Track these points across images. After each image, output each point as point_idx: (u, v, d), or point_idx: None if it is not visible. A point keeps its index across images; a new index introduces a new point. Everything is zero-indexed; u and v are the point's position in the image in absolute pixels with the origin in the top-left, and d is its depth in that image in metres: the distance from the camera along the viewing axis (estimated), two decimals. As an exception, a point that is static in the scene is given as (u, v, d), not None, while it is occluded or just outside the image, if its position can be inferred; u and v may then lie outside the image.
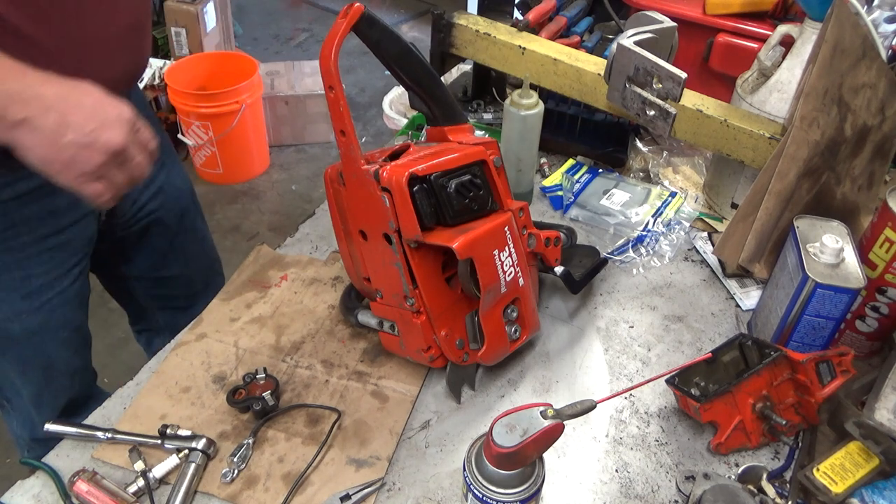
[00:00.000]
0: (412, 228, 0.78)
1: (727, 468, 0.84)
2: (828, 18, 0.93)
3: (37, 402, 1.19)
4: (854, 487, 0.76)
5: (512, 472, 0.66)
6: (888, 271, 0.88)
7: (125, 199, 1.15)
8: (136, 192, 1.18)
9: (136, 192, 1.18)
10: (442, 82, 0.90)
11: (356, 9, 0.76)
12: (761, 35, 1.47)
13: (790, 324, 0.88)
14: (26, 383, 1.16)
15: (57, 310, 1.09)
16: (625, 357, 0.98)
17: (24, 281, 1.03)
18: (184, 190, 1.32)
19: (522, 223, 0.89)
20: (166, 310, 1.40)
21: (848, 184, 1.02)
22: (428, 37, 1.30)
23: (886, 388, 0.81)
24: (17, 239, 1.00)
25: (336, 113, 0.78)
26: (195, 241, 1.37)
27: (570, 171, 1.28)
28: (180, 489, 0.77)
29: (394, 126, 1.72)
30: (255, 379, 0.88)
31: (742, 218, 1.02)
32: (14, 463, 1.94)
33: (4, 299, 1.04)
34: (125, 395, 0.90)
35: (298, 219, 1.34)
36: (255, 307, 1.02)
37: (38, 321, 1.08)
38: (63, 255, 1.07)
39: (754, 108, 1.13)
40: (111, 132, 0.76)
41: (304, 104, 3.29)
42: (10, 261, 1.01)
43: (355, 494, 0.78)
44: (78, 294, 1.13)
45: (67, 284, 1.09)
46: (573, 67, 1.17)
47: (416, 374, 0.93)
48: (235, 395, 0.87)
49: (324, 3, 4.78)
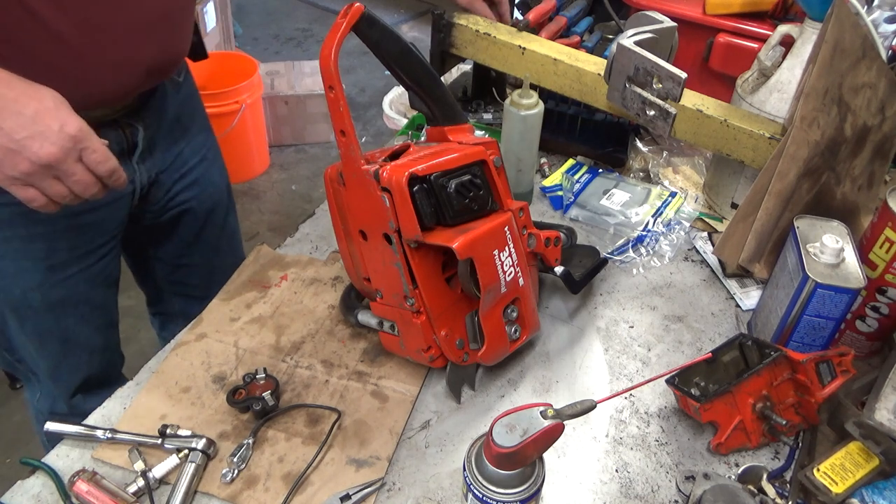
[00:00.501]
0: (412, 228, 0.78)
1: (727, 468, 0.84)
2: (828, 18, 0.93)
3: (54, 376, 1.21)
4: (854, 487, 0.76)
5: (512, 472, 0.66)
6: (888, 271, 0.88)
7: (159, 188, 1.18)
8: (171, 182, 1.20)
9: (171, 182, 1.20)
10: (442, 82, 0.90)
11: (356, 9, 0.76)
12: (761, 35, 1.48)
13: (790, 324, 0.88)
14: (44, 355, 1.18)
15: (80, 285, 1.12)
16: (625, 357, 0.98)
17: (49, 253, 1.06)
18: (220, 186, 1.34)
19: (522, 223, 0.89)
20: (183, 297, 1.43)
21: (848, 184, 1.02)
22: (428, 37, 1.30)
23: (886, 388, 0.81)
24: None
25: (336, 113, 0.78)
26: (223, 237, 1.39)
27: (570, 171, 1.28)
28: (180, 489, 0.77)
29: (394, 126, 1.72)
30: (255, 379, 0.88)
31: (742, 218, 1.02)
32: (14, 463, 1.93)
33: (29, 269, 1.06)
34: (125, 395, 0.90)
35: (298, 219, 1.34)
36: (255, 307, 1.02)
37: (59, 294, 1.10)
38: (91, 234, 1.10)
39: (754, 108, 1.13)
40: (42, 144, 0.77)
41: (304, 104, 3.29)
42: (37, 233, 1.04)
43: (355, 494, 0.78)
44: (103, 272, 1.15)
45: (93, 262, 1.12)
46: (573, 67, 1.17)
47: (416, 374, 0.93)
48: (235, 396, 0.87)
49: (324, 3, 4.79)
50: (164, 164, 1.17)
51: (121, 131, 1.05)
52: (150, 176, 1.15)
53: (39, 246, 1.05)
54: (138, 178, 1.12)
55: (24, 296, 1.08)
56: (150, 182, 1.16)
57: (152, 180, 1.16)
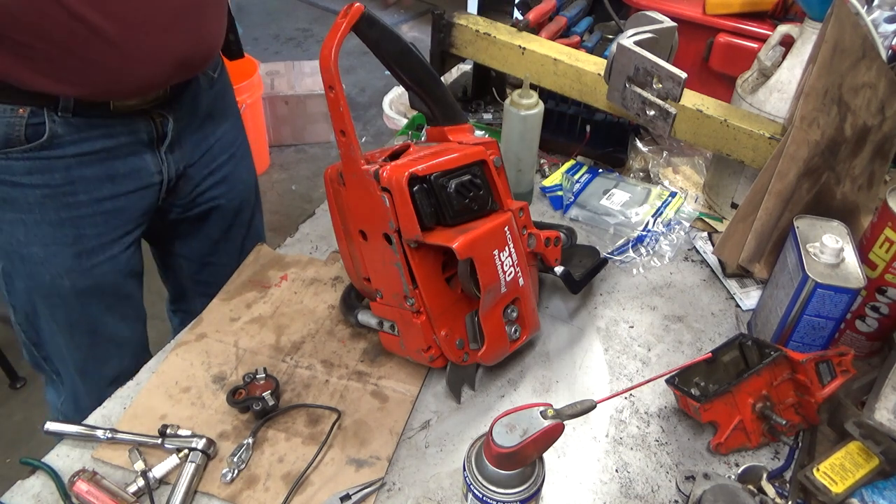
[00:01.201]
0: (412, 228, 0.78)
1: (727, 468, 0.84)
2: (828, 18, 0.93)
3: (82, 370, 1.21)
4: (854, 487, 0.76)
5: (512, 472, 0.66)
6: (888, 271, 0.88)
7: (186, 182, 1.19)
8: (200, 177, 1.21)
9: (200, 177, 1.21)
10: (442, 82, 0.90)
11: (356, 9, 0.76)
12: (761, 35, 1.48)
13: (790, 324, 0.88)
14: (73, 348, 1.18)
15: (107, 274, 1.12)
16: (625, 357, 0.98)
17: (77, 239, 1.06)
18: (248, 183, 1.35)
19: (522, 223, 0.89)
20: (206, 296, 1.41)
21: (848, 184, 1.02)
22: (428, 37, 1.30)
23: (886, 388, 0.81)
24: (75, 196, 1.03)
25: (336, 113, 0.78)
26: (250, 237, 1.38)
27: (570, 171, 1.28)
28: (180, 489, 0.77)
29: (394, 126, 1.72)
30: (254, 379, 0.88)
31: (742, 218, 1.02)
32: (14, 463, 1.93)
33: (58, 254, 1.06)
34: (125, 395, 0.90)
35: (298, 219, 1.34)
36: (255, 307, 1.02)
37: (87, 282, 1.11)
38: (117, 221, 1.10)
39: (754, 108, 1.13)
40: None
41: (304, 104, 3.29)
42: (66, 217, 1.04)
43: (355, 494, 0.78)
44: (128, 263, 1.16)
45: (119, 251, 1.12)
46: (573, 67, 1.17)
47: (416, 374, 0.93)
48: (235, 396, 0.87)
49: (324, 3, 4.79)
50: (192, 157, 1.18)
51: (150, 120, 1.06)
52: (178, 168, 1.15)
53: (68, 231, 1.05)
54: (166, 169, 1.12)
55: (54, 282, 1.08)
56: (178, 175, 1.16)
57: (180, 173, 1.16)
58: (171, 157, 1.13)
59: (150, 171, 1.10)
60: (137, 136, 1.06)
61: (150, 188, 1.12)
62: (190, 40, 1.01)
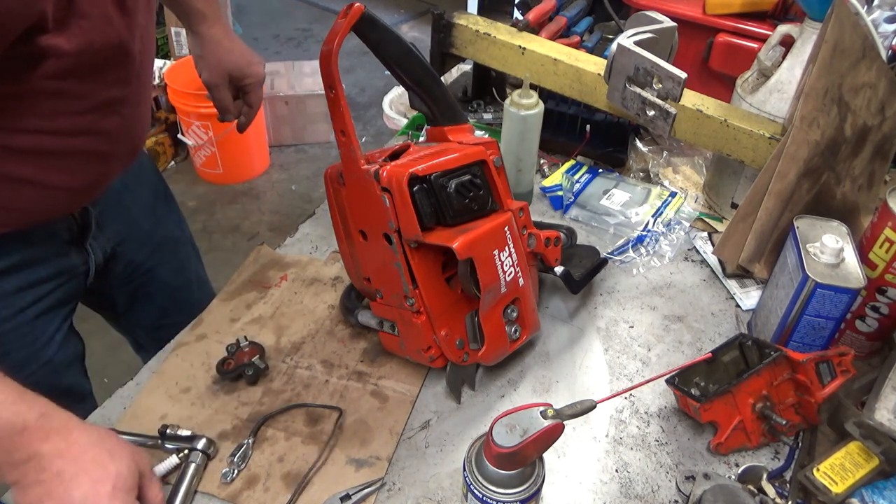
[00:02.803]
0: (412, 228, 0.78)
1: (727, 468, 0.84)
2: (828, 18, 0.93)
3: None
4: (854, 487, 0.76)
5: (512, 472, 0.66)
6: (888, 271, 0.88)
7: (117, 260, 1.12)
8: (131, 252, 1.14)
9: (131, 252, 1.14)
10: (442, 82, 0.90)
11: (356, 9, 0.76)
12: (761, 35, 1.48)
13: (790, 324, 0.88)
14: None
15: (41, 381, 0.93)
16: (625, 357, 0.98)
17: (2, 358, 0.95)
18: (181, 239, 1.26)
19: (522, 223, 0.89)
20: None
21: (848, 184, 1.02)
22: (428, 37, 1.30)
23: (886, 388, 0.81)
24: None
25: (336, 113, 0.78)
26: (198, 289, 1.32)
27: (570, 171, 1.28)
28: (180, 489, 0.77)
29: (394, 126, 1.72)
30: (239, 348, 0.88)
31: (742, 218, 1.02)
32: (14, 463, 1.92)
33: None
34: (125, 395, 0.90)
35: (298, 219, 1.34)
36: (255, 307, 1.02)
37: None
38: (45, 325, 1.00)
39: (754, 108, 1.13)
40: None
41: (304, 104, 3.29)
42: None
43: (355, 494, 0.78)
44: (65, 355, 1.06)
45: (52, 353, 1.02)
46: (573, 67, 1.17)
47: (416, 374, 0.93)
48: (224, 366, 0.86)
49: (324, 3, 4.79)
50: (118, 236, 1.10)
51: (70, 217, 0.98)
52: (106, 251, 1.08)
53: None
54: (92, 259, 1.05)
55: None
56: (107, 258, 1.09)
57: (108, 255, 1.09)
58: (97, 243, 1.05)
59: (75, 265, 1.02)
60: (59, 237, 0.98)
61: (75, 279, 1.03)
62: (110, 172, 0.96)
